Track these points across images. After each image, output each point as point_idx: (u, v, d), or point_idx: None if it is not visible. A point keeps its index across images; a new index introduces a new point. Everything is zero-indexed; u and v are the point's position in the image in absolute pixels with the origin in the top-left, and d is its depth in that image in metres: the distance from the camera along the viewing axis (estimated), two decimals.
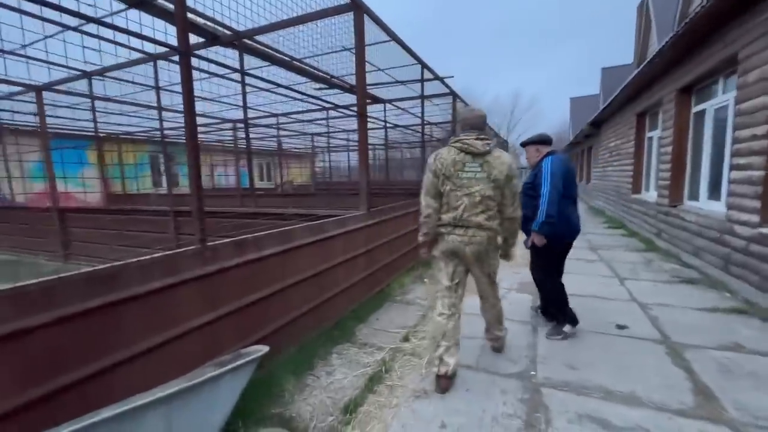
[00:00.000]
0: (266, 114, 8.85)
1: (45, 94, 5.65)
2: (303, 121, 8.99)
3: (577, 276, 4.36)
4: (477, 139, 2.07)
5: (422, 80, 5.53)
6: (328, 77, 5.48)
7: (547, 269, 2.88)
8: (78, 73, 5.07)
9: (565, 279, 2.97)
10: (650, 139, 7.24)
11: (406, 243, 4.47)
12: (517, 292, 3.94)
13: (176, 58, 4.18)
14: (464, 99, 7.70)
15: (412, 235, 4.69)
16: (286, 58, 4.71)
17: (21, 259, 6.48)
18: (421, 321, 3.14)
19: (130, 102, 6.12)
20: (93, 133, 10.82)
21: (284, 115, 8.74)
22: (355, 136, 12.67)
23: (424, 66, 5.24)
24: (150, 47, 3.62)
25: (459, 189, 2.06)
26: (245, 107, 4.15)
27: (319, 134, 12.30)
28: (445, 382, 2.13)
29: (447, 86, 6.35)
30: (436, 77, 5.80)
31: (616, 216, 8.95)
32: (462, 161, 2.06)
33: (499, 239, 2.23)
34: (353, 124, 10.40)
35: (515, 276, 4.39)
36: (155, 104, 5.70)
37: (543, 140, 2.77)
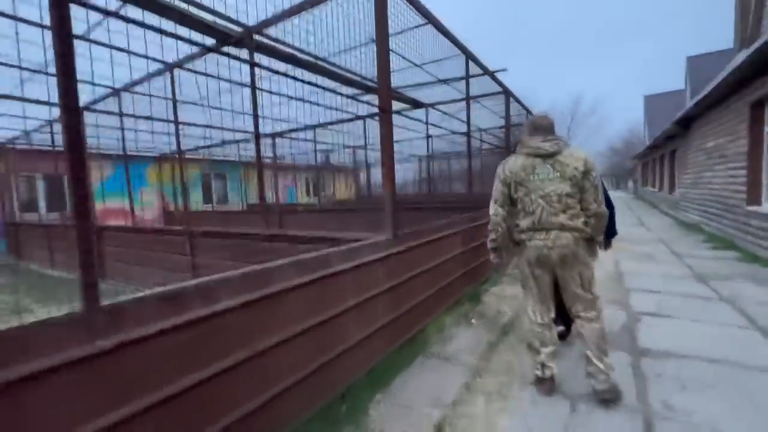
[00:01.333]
0: (300, 126, 8.54)
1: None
2: (339, 131, 8.52)
3: (693, 324, 3.11)
4: (544, 141, 2.07)
5: (467, 77, 4.66)
6: (359, 79, 4.85)
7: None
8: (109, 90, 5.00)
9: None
10: None
11: (449, 272, 3.58)
12: None
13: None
14: (519, 98, 6.66)
15: (457, 260, 3.78)
16: (309, 58, 4.16)
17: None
18: (465, 393, 2.22)
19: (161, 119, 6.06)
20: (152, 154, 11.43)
21: (316, 126, 8.34)
22: (398, 147, 12.02)
23: (469, 57, 4.38)
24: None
25: (533, 192, 2.06)
26: (256, 115, 3.61)
27: (358, 147, 11.84)
28: (549, 385, 2.17)
29: (498, 82, 5.39)
30: (485, 71, 4.90)
31: (721, 233, 7.14)
32: (531, 165, 2.07)
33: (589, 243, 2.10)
34: (399, 133, 9.79)
35: None
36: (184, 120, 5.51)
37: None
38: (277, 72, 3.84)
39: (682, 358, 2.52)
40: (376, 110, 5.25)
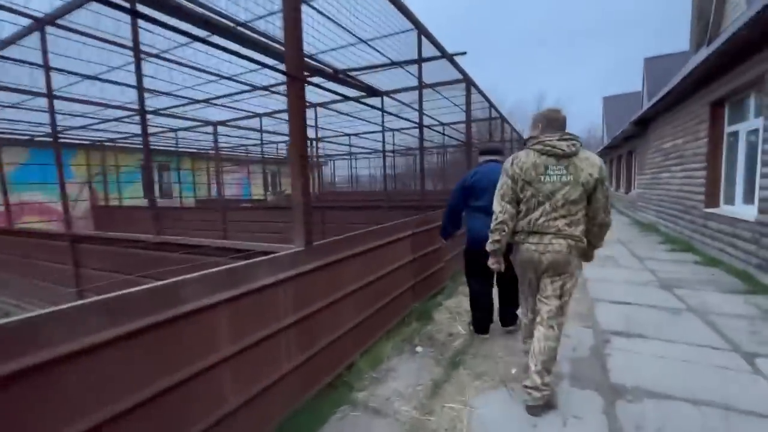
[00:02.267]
0: (249, 114, 7.64)
1: None
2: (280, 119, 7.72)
3: (667, 346, 2.68)
4: (561, 139, 1.91)
5: (419, 59, 4.02)
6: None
7: (467, 274, 3.05)
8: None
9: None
10: (734, 134, 5.45)
11: (392, 287, 2.96)
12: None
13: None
14: (482, 90, 6.17)
15: (405, 270, 3.17)
16: (227, 22, 3.37)
17: None
18: None
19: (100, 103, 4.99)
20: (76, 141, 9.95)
21: (262, 115, 7.48)
22: (357, 140, 11.31)
23: (422, 33, 3.75)
24: None
25: (541, 194, 1.92)
26: (141, 87, 2.76)
27: (322, 139, 11.02)
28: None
29: (458, 67, 4.83)
30: (442, 53, 4.30)
31: (678, 234, 7.09)
32: (544, 164, 1.92)
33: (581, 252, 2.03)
34: (358, 125, 9.07)
35: None
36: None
37: (483, 150, 3.07)
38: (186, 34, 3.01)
39: (663, 399, 2.04)
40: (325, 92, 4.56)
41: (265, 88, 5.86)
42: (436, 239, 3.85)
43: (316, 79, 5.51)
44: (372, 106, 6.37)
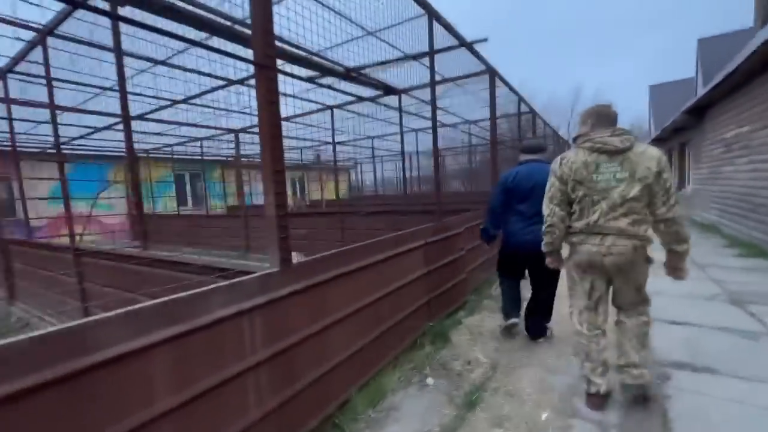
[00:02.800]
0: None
1: None
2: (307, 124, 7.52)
3: (742, 384, 2.09)
4: (613, 135, 1.80)
5: (431, 51, 3.59)
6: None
7: (500, 270, 3.02)
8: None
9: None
10: None
11: (399, 307, 2.58)
12: None
13: None
14: (507, 81, 5.65)
15: (417, 286, 2.79)
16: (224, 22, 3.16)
17: None
18: None
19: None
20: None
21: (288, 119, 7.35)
22: (378, 143, 11.00)
23: (433, 17, 3.35)
24: None
25: (595, 194, 1.82)
26: (123, 92, 2.59)
27: (343, 143, 10.85)
28: (597, 401, 1.93)
29: (479, 57, 4.38)
30: (460, 41, 3.87)
31: (745, 236, 6.13)
32: (595, 162, 1.82)
33: (649, 250, 1.88)
34: (376, 127, 8.77)
35: None
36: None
37: (523, 148, 2.95)
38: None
39: None
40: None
41: (285, 95, 5.71)
42: (456, 248, 3.43)
43: (328, 80, 5.28)
44: (388, 106, 6.05)
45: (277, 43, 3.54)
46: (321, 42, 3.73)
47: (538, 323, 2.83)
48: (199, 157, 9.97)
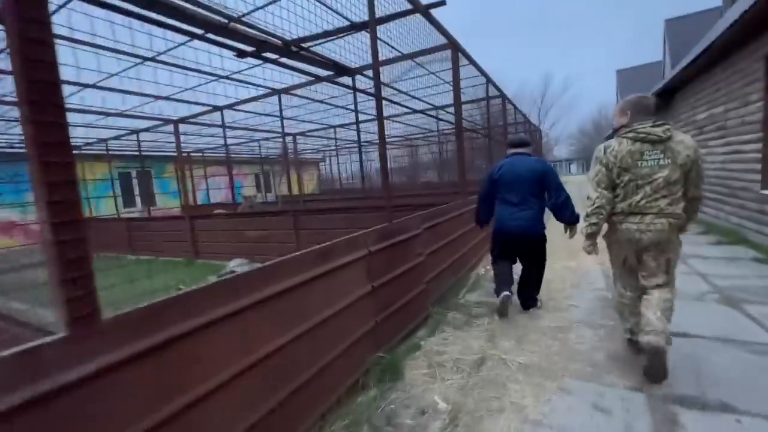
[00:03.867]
0: (208, 108, 6.66)
1: None
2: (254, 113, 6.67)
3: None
4: (655, 125, 1.97)
5: (372, 21, 2.88)
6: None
7: (492, 253, 3.25)
8: None
9: None
10: None
11: (332, 339, 1.92)
12: None
13: None
14: (472, 57, 5.05)
15: (357, 309, 2.14)
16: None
17: None
18: None
19: None
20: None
21: (224, 107, 6.49)
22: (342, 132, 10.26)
23: None
24: None
25: (639, 178, 2.01)
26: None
27: (304, 133, 10.04)
28: (634, 347, 2.29)
29: (437, 26, 3.73)
30: (414, 4, 3.21)
31: (723, 222, 5.88)
32: (639, 151, 2.00)
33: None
34: (326, 110, 8.00)
35: None
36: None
37: (509, 143, 3.25)
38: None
39: None
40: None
41: (215, 75, 4.89)
42: (412, 254, 2.82)
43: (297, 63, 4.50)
44: (344, 86, 5.33)
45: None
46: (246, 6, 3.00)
47: (529, 295, 3.17)
48: (137, 152, 8.86)
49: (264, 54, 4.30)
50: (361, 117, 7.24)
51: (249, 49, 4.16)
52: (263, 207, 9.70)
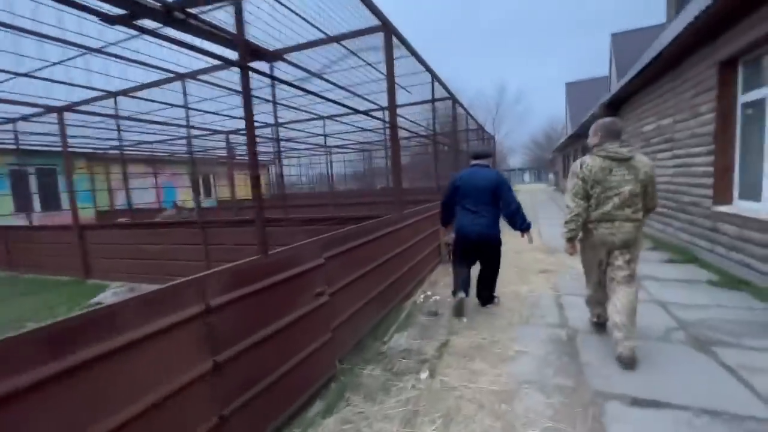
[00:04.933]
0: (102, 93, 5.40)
1: None
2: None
3: None
4: (621, 146, 2.37)
5: None
6: None
7: (453, 255, 3.50)
8: None
9: None
10: (753, 105, 3.98)
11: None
12: None
13: None
14: (410, 44, 4.36)
15: (188, 400, 1.23)
16: None
17: None
18: None
19: None
20: None
21: (118, 94, 5.30)
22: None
23: None
24: None
25: (609, 190, 2.37)
26: None
27: (233, 132, 8.88)
28: (597, 327, 2.85)
29: (370, 5, 2.96)
30: None
31: (671, 238, 5.65)
32: (609, 167, 2.37)
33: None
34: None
35: None
36: None
37: (472, 154, 3.55)
38: None
39: None
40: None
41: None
42: (304, 297, 2.00)
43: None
44: (259, 72, 4.40)
45: None
46: None
47: (487, 294, 3.45)
48: (16, 146, 7.27)
49: (140, 22, 3.31)
50: (288, 113, 6.33)
51: (119, 12, 3.16)
52: (190, 215, 8.39)
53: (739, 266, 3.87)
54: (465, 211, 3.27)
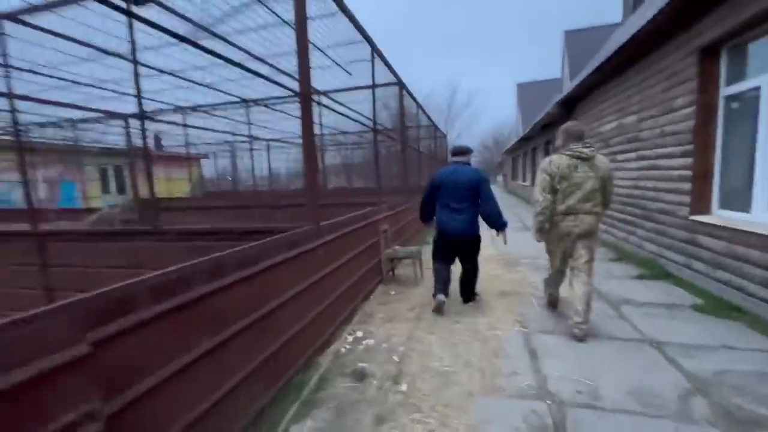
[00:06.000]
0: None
1: None
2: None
3: None
4: (584, 147, 2.69)
5: None
6: None
7: (433, 253, 3.48)
8: None
9: None
10: (738, 98, 3.41)
11: None
12: None
13: None
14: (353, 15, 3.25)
15: None
16: None
17: None
18: None
19: None
20: None
21: None
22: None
23: None
24: None
25: (573, 186, 2.68)
26: None
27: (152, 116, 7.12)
28: (553, 302, 3.30)
29: None
30: None
31: (636, 249, 5.12)
32: (574, 165, 2.68)
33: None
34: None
35: None
36: None
37: (452, 151, 3.54)
38: None
39: None
40: None
41: None
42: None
43: None
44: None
45: None
46: None
47: (468, 291, 3.50)
48: None
49: None
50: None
51: None
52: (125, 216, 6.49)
53: (728, 288, 3.26)
54: (446, 209, 3.31)
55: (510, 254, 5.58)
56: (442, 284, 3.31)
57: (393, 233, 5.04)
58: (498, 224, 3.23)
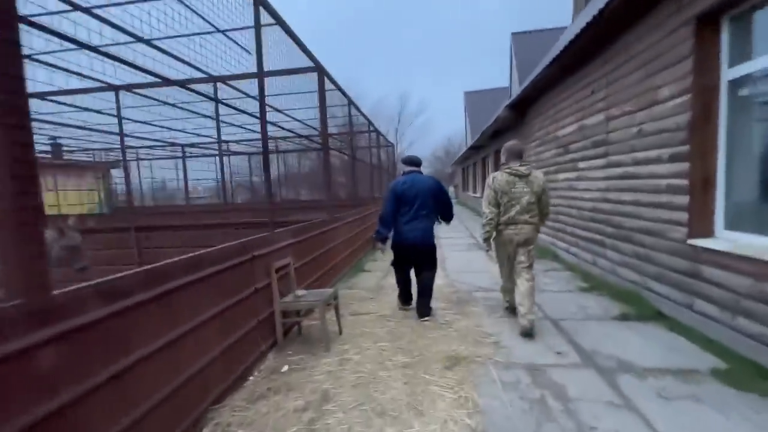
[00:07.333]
0: None
1: None
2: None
3: None
4: (521, 165, 3.02)
5: None
6: None
7: (395, 264, 3.64)
8: None
9: None
10: (745, 83, 2.51)
11: None
12: None
13: None
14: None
15: None
16: None
17: None
18: None
19: None
20: None
21: None
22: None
23: None
24: None
25: (513, 200, 3.00)
26: None
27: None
28: (509, 311, 3.39)
29: None
30: None
31: (606, 274, 4.18)
32: (512, 181, 3.01)
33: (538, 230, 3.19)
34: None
35: None
36: None
37: (405, 161, 3.68)
38: None
39: None
40: None
41: None
42: None
43: None
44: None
45: None
46: None
47: (425, 306, 3.43)
48: None
49: None
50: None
51: None
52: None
53: (759, 345, 2.28)
54: (404, 218, 3.41)
55: (462, 285, 4.43)
56: (406, 294, 3.66)
57: (304, 267, 3.65)
58: (449, 219, 3.68)
